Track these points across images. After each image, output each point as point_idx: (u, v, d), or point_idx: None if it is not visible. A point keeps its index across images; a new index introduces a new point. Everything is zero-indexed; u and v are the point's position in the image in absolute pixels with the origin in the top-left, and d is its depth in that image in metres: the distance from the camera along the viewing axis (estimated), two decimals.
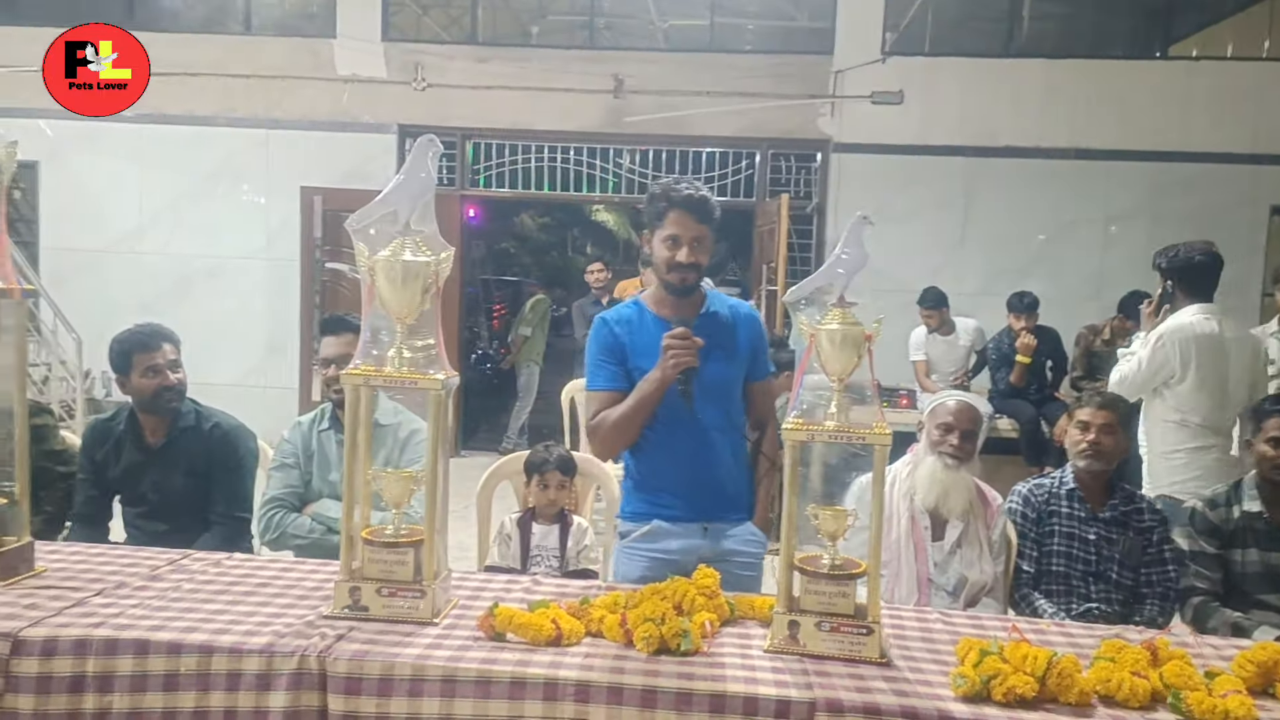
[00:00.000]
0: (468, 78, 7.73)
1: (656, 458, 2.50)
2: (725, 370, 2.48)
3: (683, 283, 2.43)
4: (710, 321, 2.50)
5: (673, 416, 2.44)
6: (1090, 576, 2.77)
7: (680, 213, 2.41)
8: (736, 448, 2.55)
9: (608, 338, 2.51)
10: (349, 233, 2.02)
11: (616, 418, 2.43)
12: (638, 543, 2.52)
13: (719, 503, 2.49)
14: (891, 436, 1.88)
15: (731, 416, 2.51)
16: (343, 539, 2.00)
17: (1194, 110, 7.34)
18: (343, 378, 1.99)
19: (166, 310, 7.72)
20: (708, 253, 2.45)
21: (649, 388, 2.38)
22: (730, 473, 2.51)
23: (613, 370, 2.48)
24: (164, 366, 2.93)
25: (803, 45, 8.99)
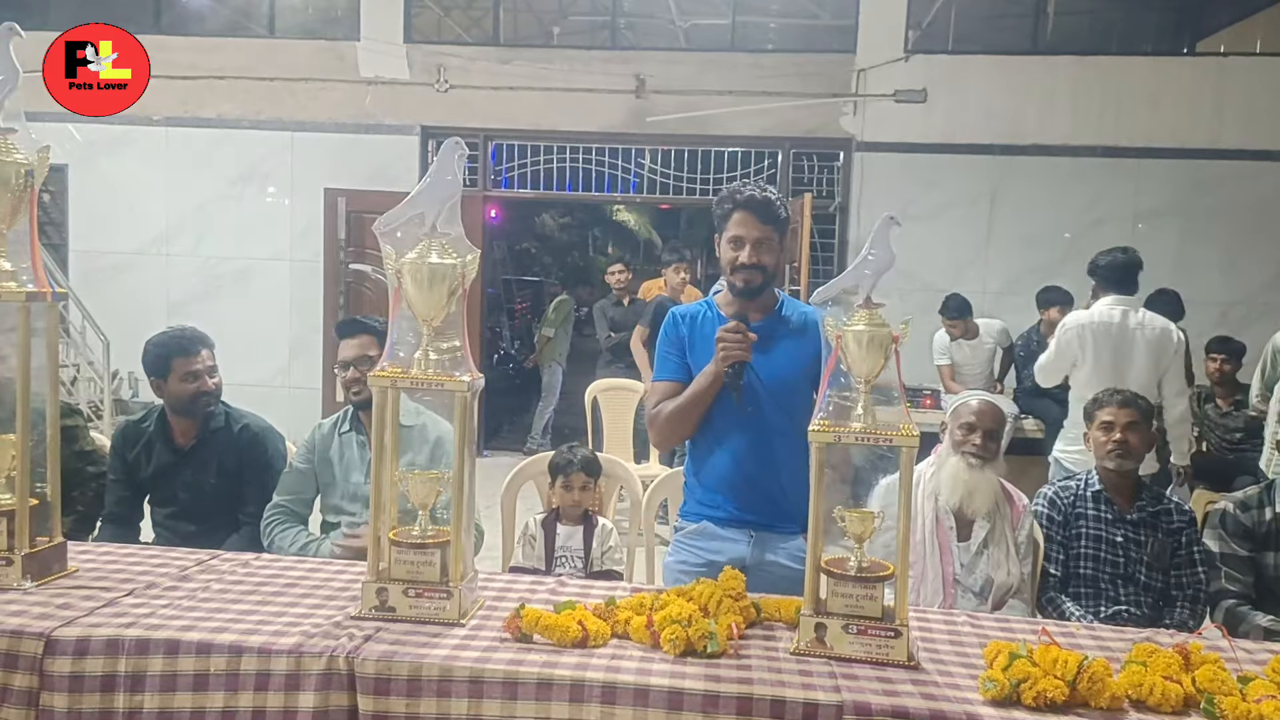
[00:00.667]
0: (490, 79, 7.76)
1: (712, 457, 2.49)
2: (790, 374, 2.43)
3: (746, 284, 2.41)
4: (777, 323, 2.48)
5: (731, 416, 2.43)
6: (1119, 579, 2.74)
7: (744, 213, 2.41)
8: (798, 455, 2.49)
9: (674, 331, 2.53)
10: (376, 235, 2.03)
11: (672, 409, 2.45)
12: (688, 539, 2.53)
13: (771, 511, 2.45)
14: (919, 438, 1.86)
15: (797, 422, 2.36)
16: (370, 540, 2.01)
17: (1225, 107, 7.24)
18: (370, 379, 2.00)
19: (194, 312, 7.82)
20: (774, 254, 2.42)
21: (703, 382, 2.40)
22: (788, 480, 2.42)
23: (676, 363, 2.50)
24: (203, 372, 2.97)
25: (825, 44, 8.95)
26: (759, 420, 2.42)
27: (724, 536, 2.47)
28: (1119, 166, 7.38)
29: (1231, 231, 7.28)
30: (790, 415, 2.41)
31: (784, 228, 2.45)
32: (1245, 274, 7.29)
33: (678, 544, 2.55)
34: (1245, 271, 7.29)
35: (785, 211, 2.44)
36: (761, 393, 2.42)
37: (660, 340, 2.55)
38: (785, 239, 2.48)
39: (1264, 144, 7.20)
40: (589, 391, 5.50)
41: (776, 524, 2.45)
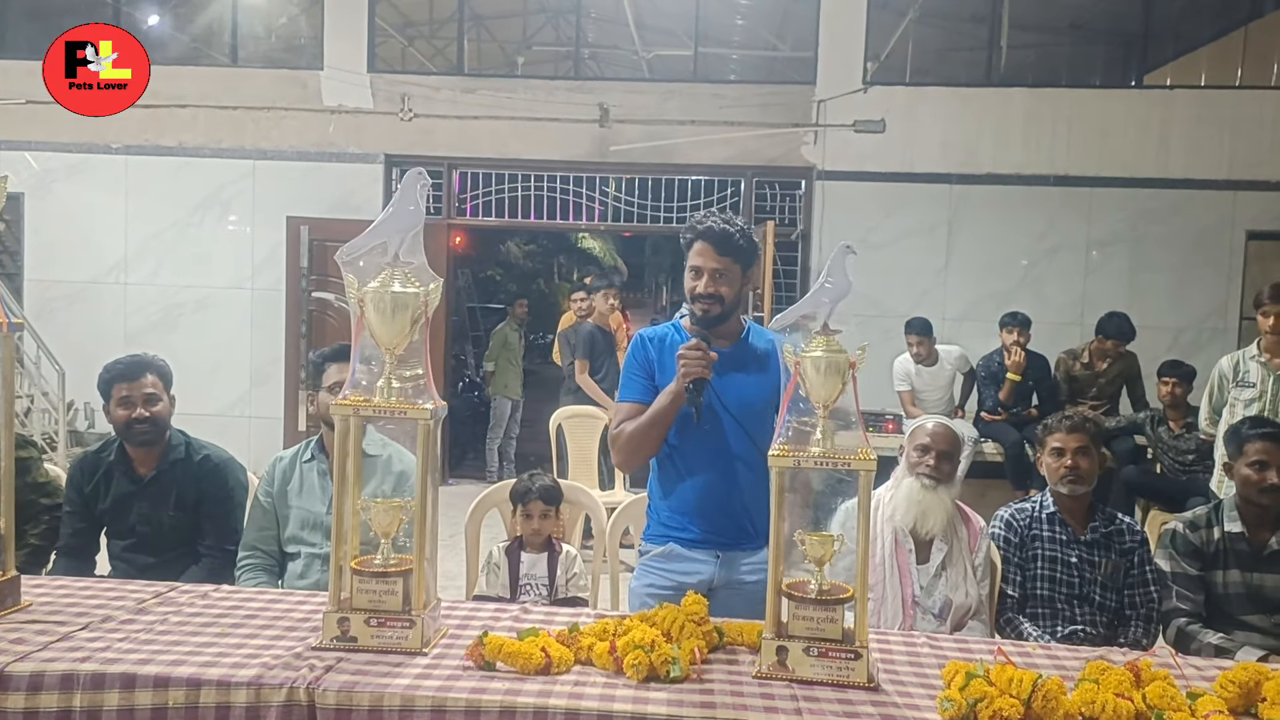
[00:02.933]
0: (454, 108, 7.79)
1: (679, 481, 2.52)
2: (755, 400, 2.45)
3: (705, 313, 2.44)
4: (743, 351, 2.52)
5: (698, 441, 2.46)
6: (1074, 599, 2.79)
7: (703, 244, 2.44)
8: (762, 477, 2.52)
9: (641, 353, 2.55)
10: (338, 264, 2.05)
11: (633, 429, 2.46)
12: (653, 561, 2.55)
13: (736, 532, 2.48)
14: (876, 462, 1.90)
15: (760, 447, 2.44)
16: (331, 569, 2.00)
17: (1171, 137, 7.46)
18: (332, 408, 2.00)
19: (153, 341, 7.72)
20: (732, 285, 2.44)
21: (664, 400, 2.41)
22: (752, 502, 2.45)
23: (641, 384, 2.51)
24: (136, 399, 2.90)
25: (785, 75, 9.13)
26: (724, 444, 2.45)
27: (691, 558, 2.49)
28: (1071, 195, 7.57)
29: (1180, 258, 7.48)
30: (754, 441, 2.45)
31: (747, 258, 2.47)
32: (1193, 300, 7.49)
33: (644, 568, 2.56)
34: (1193, 297, 7.49)
35: (747, 242, 2.46)
36: (726, 418, 2.45)
37: (627, 362, 2.57)
38: (751, 269, 2.50)
39: (1208, 174, 7.42)
40: (553, 419, 5.50)
41: (742, 542, 2.48)
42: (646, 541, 2.59)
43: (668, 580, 2.49)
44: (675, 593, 2.41)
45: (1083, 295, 7.57)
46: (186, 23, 8.90)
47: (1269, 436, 2.80)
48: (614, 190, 8.14)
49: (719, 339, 2.48)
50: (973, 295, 7.54)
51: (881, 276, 7.41)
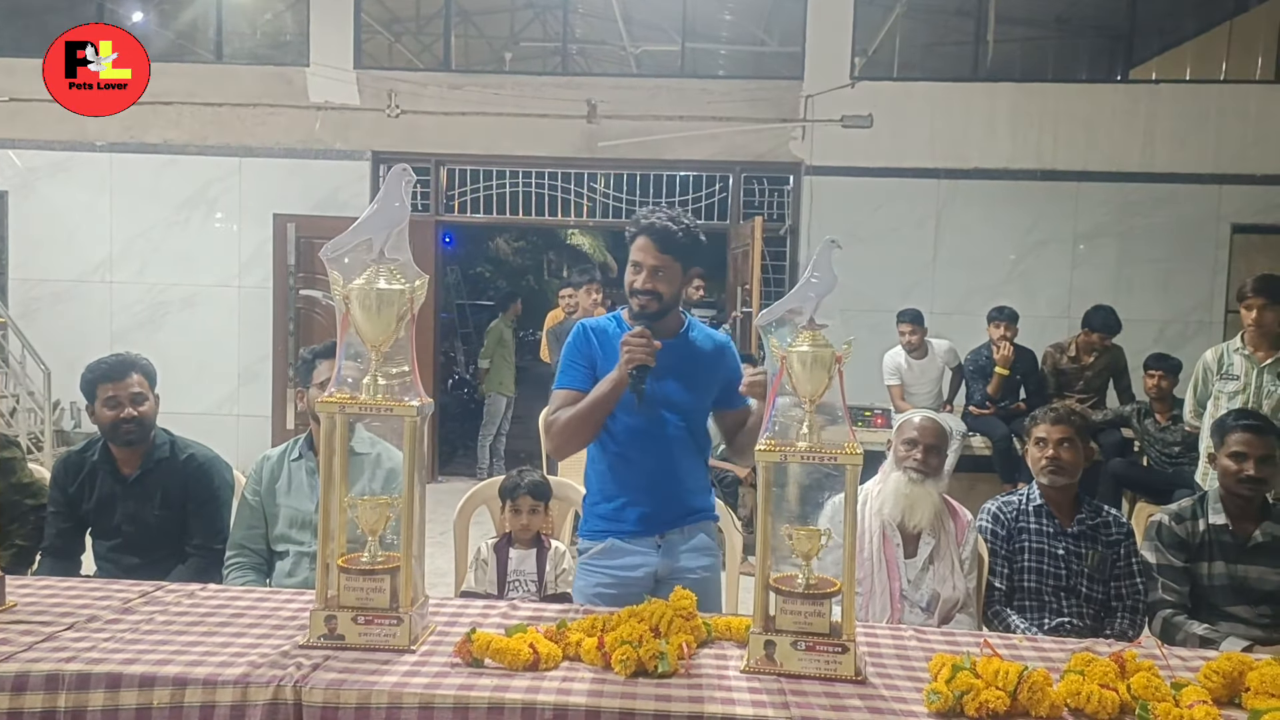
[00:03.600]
0: (441, 104, 7.77)
1: (615, 473, 2.53)
2: (692, 393, 2.52)
3: (642, 309, 2.45)
4: (684, 345, 2.54)
5: (633, 430, 2.48)
6: (1061, 591, 2.80)
7: (644, 239, 2.45)
8: (697, 467, 2.60)
9: (582, 342, 2.55)
10: (323, 261, 2.04)
11: (572, 414, 2.46)
12: (594, 559, 2.55)
13: (675, 511, 2.53)
14: (863, 456, 1.90)
15: (696, 437, 2.56)
16: (318, 567, 2.00)
17: (1157, 132, 7.50)
18: (318, 406, 1.99)
19: (139, 340, 7.68)
20: (671, 282, 2.45)
21: (605, 386, 2.42)
22: (689, 487, 2.56)
23: (580, 372, 2.52)
24: (124, 398, 2.88)
25: (773, 70, 9.12)
26: (662, 433, 2.48)
27: (632, 550, 2.50)
28: (1058, 189, 7.60)
29: (1166, 252, 7.52)
30: (691, 430, 2.52)
31: (688, 256, 2.46)
32: (1179, 293, 7.53)
33: (585, 568, 2.55)
34: (1179, 290, 7.53)
35: (691, 240, 2.45)
36: (668, 409, 2.47)
37: (567, 350, 2.56)
38: (693, 267, 2.51)
39: (1192, 168, 7.46)
40: (542, 416, 5.49)
41: (682, 520, 2.53)
42: (584, 538, 2.58)
43: (610, 578, 2.50)
44: (621, 590, 2.43)
45: (1070, 289, 7.60)
46: (171, 19, 8.84)
47: (1249, 428, 2.82)
48: (602, 186, 8.13)
49: (657, 335, 2.47)
50: (961, 289, 7.57)
51: (870, 271, 7.43)
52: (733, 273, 7.92)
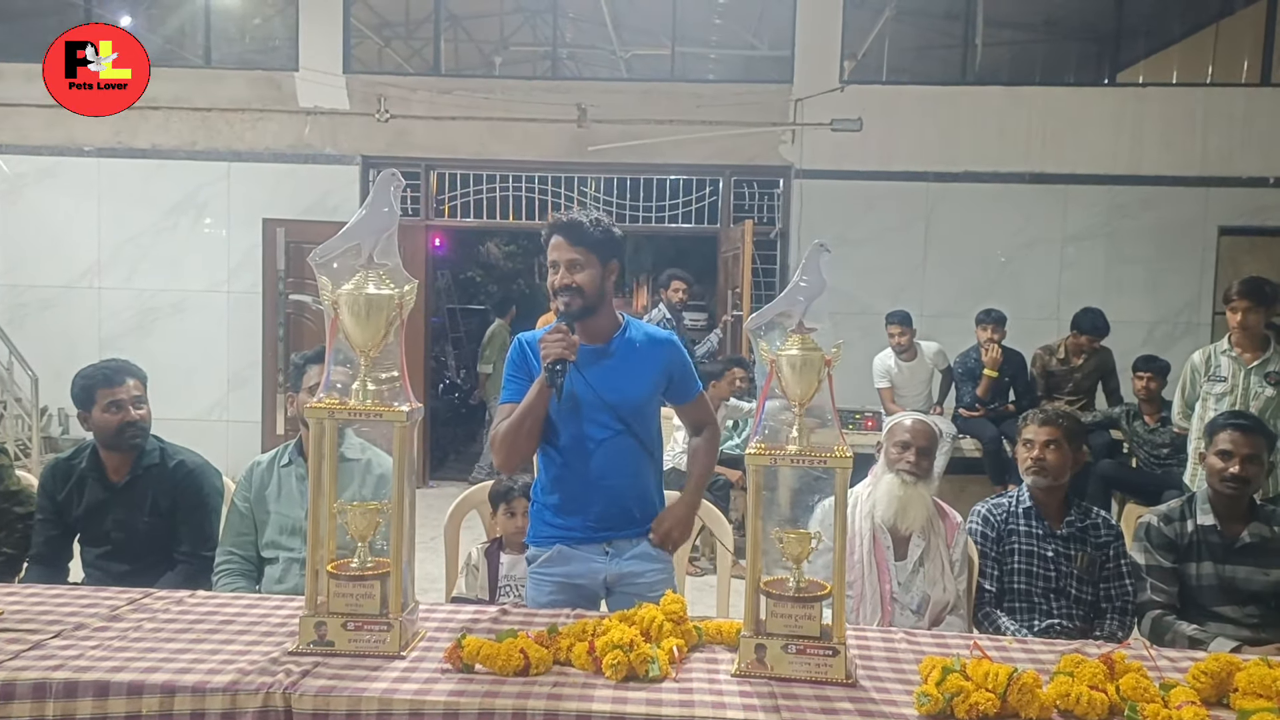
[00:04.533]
0: (430, 109, 7.76)
1: (558, 474, 2.53)
2: (634, 394, 2.50)
3: (567, 306, 2.43)
4: (623, 346, 2.53)
5: (579, 438, 2.47)
6: (1051, 593, 2.81)
7: (556, 238, 2.46)
8: (644, 469, 2.57)
9: (518, 355, 2.55)
10: (312, 266, 2.04)
11: (506, 426, 2.46)
12: (543, 568, 2.54)
13: (621, 520, 2.51)
14: (852, 459, 1.91)
15: (642, 439, 2.53)
16: (308, 573, 1.99)
17: (1144, 134, 7.54)
18: (307, 411, 1.99)
19: (128, 346, 7.65)
20: (590, 276, 2.44)
21: (532, 391, 2.42)
22: (635, 492, 2.53)
23: (520, 385, 2.51)
24: (127, 402, 2.89)
25: (763, 74, 9.14)
26: (607, 439, 2.46)
27: (580, 557, 2.49)
28: (1046, 192, 7.63)
29: (1154, 254, 7.57)
30: (637, 434, 2.50)
31: (604, 250, 2.45)
32: (1167, 294, 7.57)
33: (535, 578, 2.55)
34: (1167, 292, 7.57)
35: (603, 234, 2.45)
36: (608, 412, 2.46)
37: (506, 364, 2.57)
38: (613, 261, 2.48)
39: (1179, 170, 7.51)
40: None
41: (627, 527, 2.51)
42: (533, 545, 2.58)
43: (555, 584, 2.49)
44: (569, 595, 2.44)
45: (1059, 291, 7.63)
46: (159, 23, 8.81)
47: (1238, 427, 2.83)
48: (592, 190, 8.13)
49: (591, 338, 2.48)
50: (950, 292, 7.59)
51: (859, 274, 7.45)
52: (723, 276, 7.93)
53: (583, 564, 2.49)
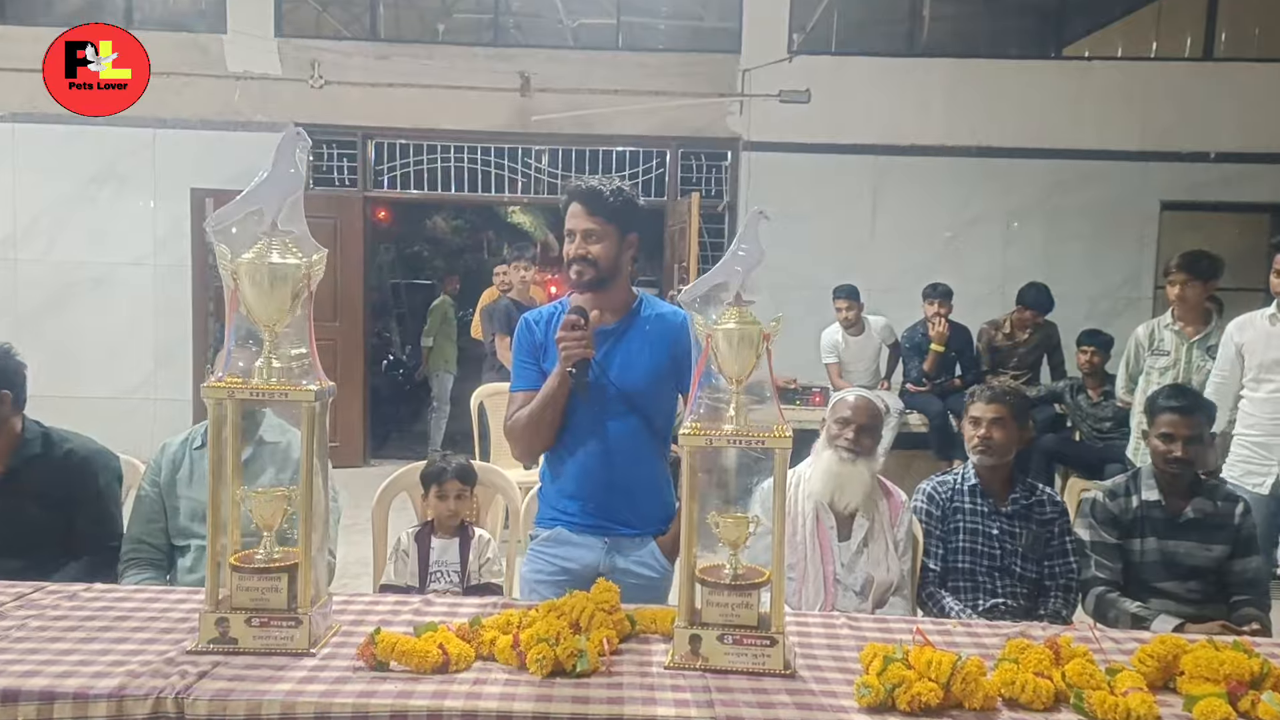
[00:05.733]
0: (367, 75, 7.48)
1: (565, 462, 2.40)
2: (645, 377, 2.34)
3: (579, 277, 2.32)
4: (633, 323, 2.39)
5: (584, 421, 2.34)
6: (995, 571, 2.76)
7: (574, 205, 2.33)
8: (652, 458, 2.43)
9: (527, 338, 2.42)
10: (208, 233, 1.88)
11: (525, 417, 2.34)
12: (541, 545, 2.43)
13: (625, 515, 2.37)
14: (791, 439, 1.81)
15: (653, 425, 2.38)
16: (208, 565, 1.84)
17: (1087, 109, 7.55)
18: (204, 391, 1.83)
19: (47, 322, 7.32)
20: (607, 246, 2.31)
21: (551, 385, 2.30)
22: (642, 484, 2.39)
23: (532, 371, 2.39)
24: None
25: (710, 44, 8.98)
26: (610, 423, 2.34)
27: (577, 543, 2.38)
28: (991, 166, 7.61)
29: (1096, 229, 7.60)
30: (645, 419, 2.36)
31: (623, 219, 2.33)
32: (1108, 269, 7.62)
33: (532, 552, 2.45)
34: (1108, 267, 7.62)
35: (623, 203, 2.33)
36: (614, 396, 2.33)
37: (515, 348, 2.44)
38: (632, 233, 2.37)
39: (1122, 145, 7.53)
40: (474, 397, 5.33)
41: (629, 528, 2.38)
42: (537, 525, 2.47)
43: (553, 565, 2.38)
44: (563, 578, 2.32)
45: (1003, 265, 7.65)
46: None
47: (1177, 409, 2.80)
48: (535, 163, 7.94)
49: (606, 311, 2.35)
50: (897, 266, 7.55)
51: (807, 248, 7.38)
52: (669, 250, 7.81)
53: (579, 550, 2.37)
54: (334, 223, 7.50)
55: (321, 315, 8.01)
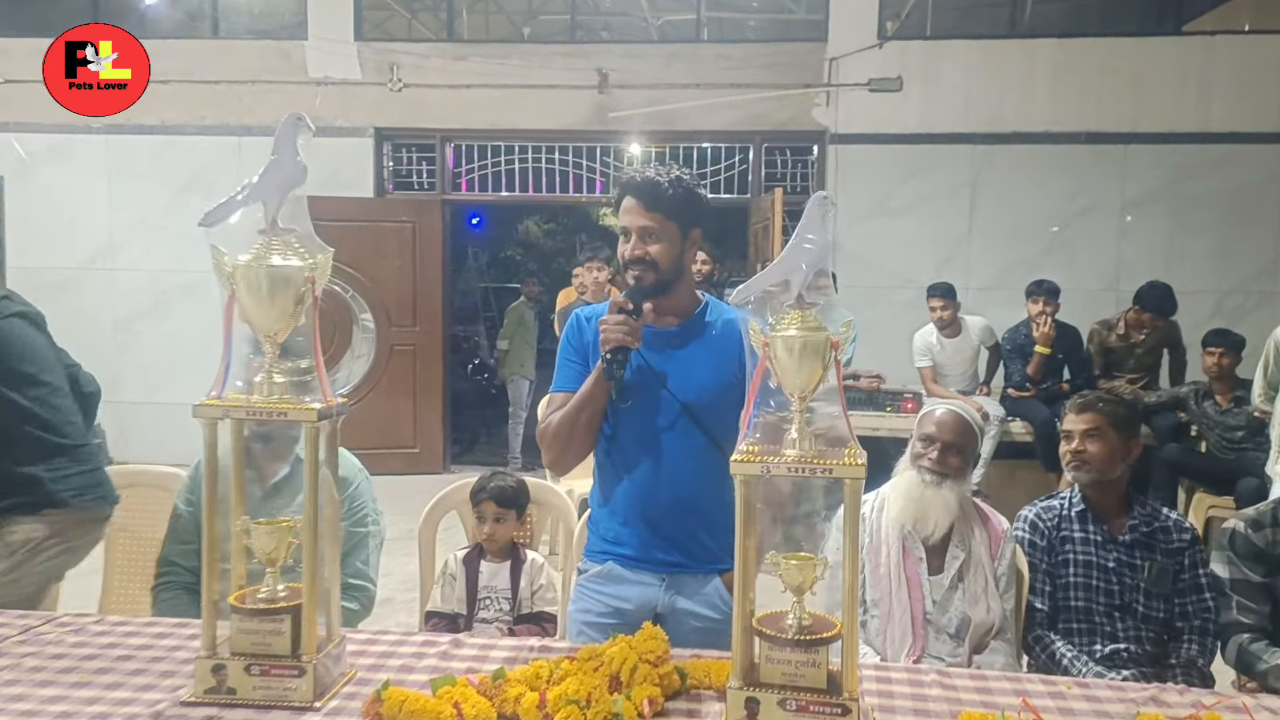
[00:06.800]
0: (445, 77, 7.40)
1: (620, 485, 2.13)
2: (712, 388, 2.05)
3: (637, 281, 2.05)
4: (698, 329, 2.12)
5: (640, 437, 2.08)
6: (1115, 611, 2.39)
7: (628, 200, 2.06)
8: (716, 482, 2.13)
9: (576, 336, 2.17)
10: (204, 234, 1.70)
11: (559, 420, 2.09)
12: (591, 582, 2.16)
13: (687, 547, 2.09)
14: (865, 467, 1.51)
15: (718, 441, 2.06)
16: (204, 605, 1.65)
17: (1214, 88, 6.91)
18: (196, 411, 1.64)
19: (145, 329, 7.46)
20: (668, 247, 2.05)
21: (590, 382, 2.04)
22: (706, 512, 2.08)
23: (578, 370, 2.13)
24: None
25: (795, 33, 8.63)
26: (672, 439, 2.06)
27: (632, 580, 2.10)
28: (1104, 153, 7.05)
29: (1222, 218, 6.96)
30: (712, 436, 2.06)
31: (686, 214, 2.07)
32: (1238, 262, 6.96)
33: (580, 590, 2.18)
34: (1238, 259, 6.96)
35: (685, 194, 2.06)
36: (675, 409, 2.06)
37: (561, 346, 2.18)
38: (695, 229, 2.10)
39: (1254, 126, 6.88)
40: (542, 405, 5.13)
41: (693, 564, 2.09)
42: (587, 558, 2.20)
43: (604, 606, 2.11)
44: (614, 619, 2.05)
45: (1118, 260, 7.08)
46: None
47: None
48: (615, 160, 7.72)
49: (665, 315, 2.09)
50: (999, 263, 7.07)
51: (901, 245, 6.97)
52: (753, 249, 7.48)
53: (633, 588, 2.09)
54: (413, 226, 7.45)
55: (401, 320, 7.92)
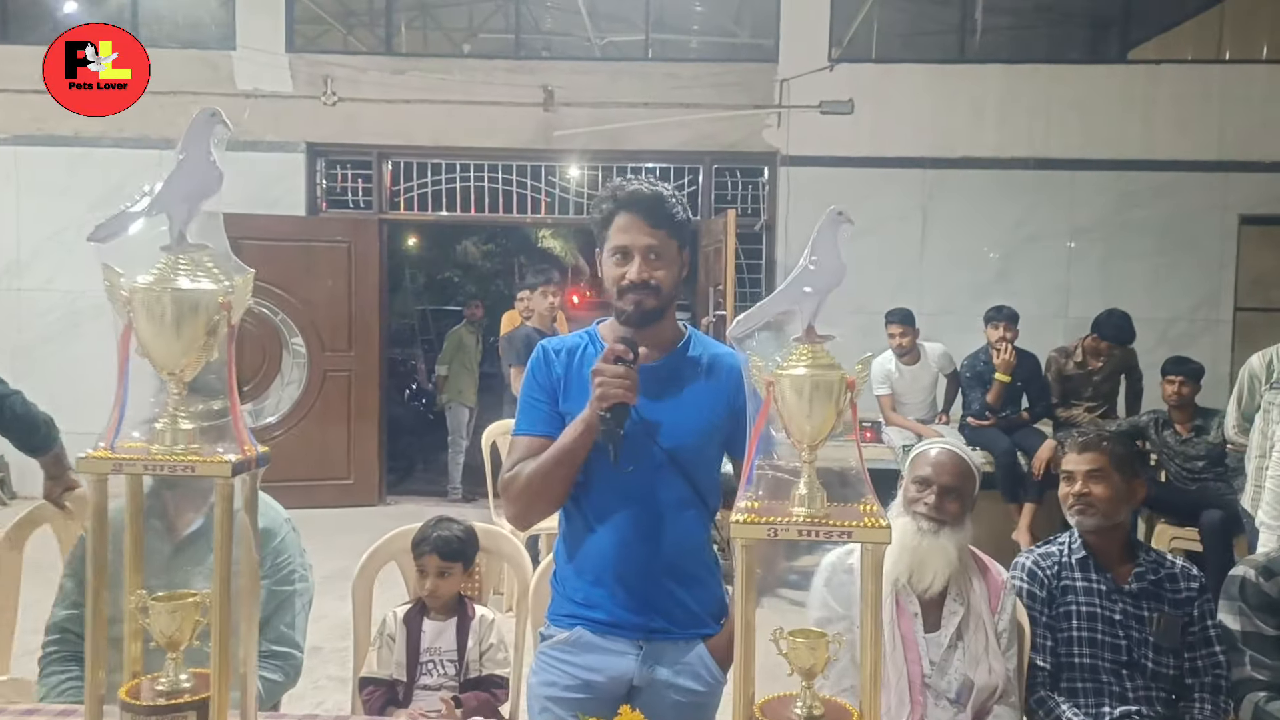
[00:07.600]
0: (383, 91, 7.10)
1: (590, 539, 1.87)
2: (695, 432, 1.85)
3: (639, 308, 1.80)
4: (681, 365, 1.88)
5: (616, 485, 1.82)
6: (1123, 668, 2.20)
7: (628, 216, 1.81)
8: (702, 537, 1.91)
9: (544, 372, 1.89)
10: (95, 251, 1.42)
11: (531, 471, 1.81)
12: (555, 650, 1.89)
13: (668, 610, 1.85)
14: (890, 530, 1.29)
15: (701, 492, 1.87)
16: (87, 699, 1.36)
17: (1158, 116, 6.97)
18: (79, 465, 1.35)
19: (53, 352, 6.97)
20: (671, 268, 1.82)
21: (574, 432, 1.76)
22: (689, 570, 1.87)
23: (545, 412, 1.87)
24: None
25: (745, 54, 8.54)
26: (652, 488, 1.81)
27: (604, 648, 1.84)
28: (1051, 179, 7.06)
29: (1168, 245, 7.00)
30: (694, 485, 1.83)
31: (684, 234, 1.86)
32: (1182, 290, 7.00)
33: (543, 660, 1.90)
34: (1182, 287, 7.00)
35: (684, 213, 1.86)
36: (657, 455, 1.81)
37: (526, 383, 1.91)
38: (686, 250, 1.89)
39: (1196, 154, 6.95)
40: (486, 434, 4.85)
41: (674, 629, 1.85)
42: (551, 623, 1.93)
43: (571, 678, 1.84)
44: (583, 694, 1.79)
45: (1065, 287, 7.07)
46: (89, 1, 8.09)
47: None
48: (560, 180, 7.49)
49: (651, 348, 1.84)
50: (950, 287, 7.00)
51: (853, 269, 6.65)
52: (704, 273, 7.29)
53: (607, 657, 1.84)
54: (348, 246, 7.11)
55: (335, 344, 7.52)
